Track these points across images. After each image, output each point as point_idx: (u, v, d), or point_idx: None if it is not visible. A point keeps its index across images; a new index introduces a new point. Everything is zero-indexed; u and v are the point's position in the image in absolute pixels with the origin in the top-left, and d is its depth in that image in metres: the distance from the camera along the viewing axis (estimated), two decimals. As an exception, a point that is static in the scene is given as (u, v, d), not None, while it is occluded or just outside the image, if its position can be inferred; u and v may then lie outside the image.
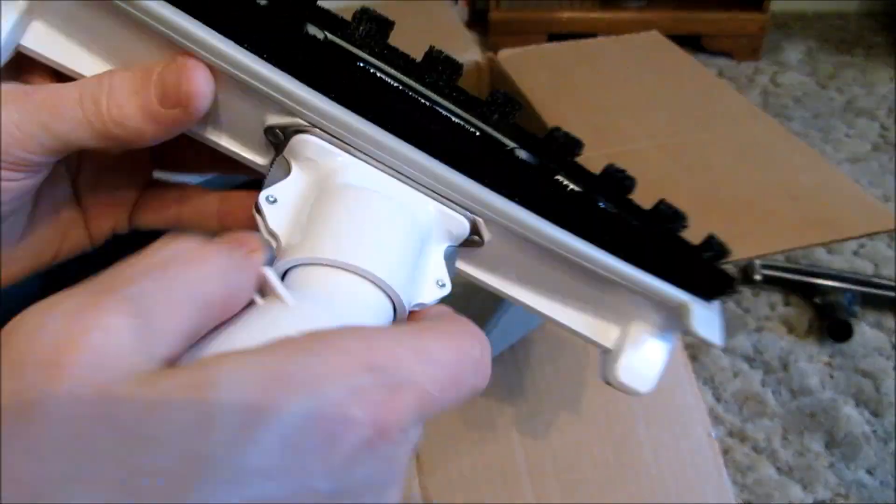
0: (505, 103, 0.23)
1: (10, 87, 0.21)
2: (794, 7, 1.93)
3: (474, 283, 0.26)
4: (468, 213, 0.23)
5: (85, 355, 0.13)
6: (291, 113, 0.21)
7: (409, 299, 0.21)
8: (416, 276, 0.22)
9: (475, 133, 0.22)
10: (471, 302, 0.40)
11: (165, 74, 0.20)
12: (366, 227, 0.20)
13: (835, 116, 1.46)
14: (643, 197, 0.57)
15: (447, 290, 0.23)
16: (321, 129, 0.21)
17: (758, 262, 1.04)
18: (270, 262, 0.19)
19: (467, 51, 0.74)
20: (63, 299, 0.14)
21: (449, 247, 0.23)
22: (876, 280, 1.01)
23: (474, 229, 0.23)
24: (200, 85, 0.20)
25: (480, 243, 0.24)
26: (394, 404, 0.14)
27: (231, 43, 0.20)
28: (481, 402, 0.41)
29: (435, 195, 0.22)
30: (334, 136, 0.21)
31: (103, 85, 0.20)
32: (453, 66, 0.22)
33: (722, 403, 0.88)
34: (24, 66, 0.22)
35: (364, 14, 0.21)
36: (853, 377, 0.91)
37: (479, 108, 0.23)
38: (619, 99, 0.66)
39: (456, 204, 0.23)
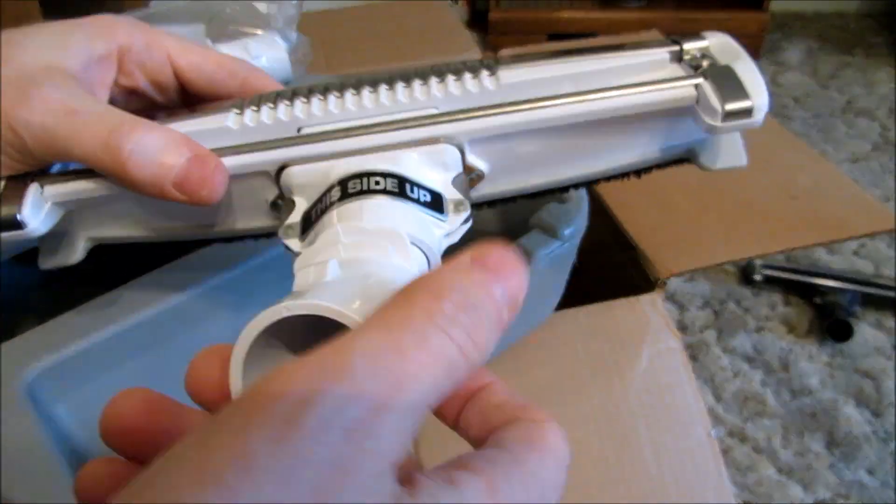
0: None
1: (60, 101, 0.23)
2: (794, 7, 1.93)
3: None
4: (451, 145, 0.24)
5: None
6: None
7: (435, 239, 0.22)
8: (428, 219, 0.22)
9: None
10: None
11: (191, 168, 0.22)
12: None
13: (835, 116, 1.46)
14: (643, 197, 0.57)
15: (467, 208, 0.23)
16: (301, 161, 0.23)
17: (758, 262, 1.04)
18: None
19: (467, 51, 0.74)
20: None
21: (455, 177, 0.24)
22: (876, 280, 1.01)
23: (463, 161, 0.24)
24: (216, 192, 0.23)
25: (481, 174, 0.25)
26: None
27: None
28: (481, 402, 0.41)
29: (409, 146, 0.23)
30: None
31: (133, 137, 0.22)
32: None
33: (722, 403, 0.88)
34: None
35: None
36: (853, 377, 0.91)
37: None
38: (619, 99, 0.66)
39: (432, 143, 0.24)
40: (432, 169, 0.23)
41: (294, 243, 0.22)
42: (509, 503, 0.14)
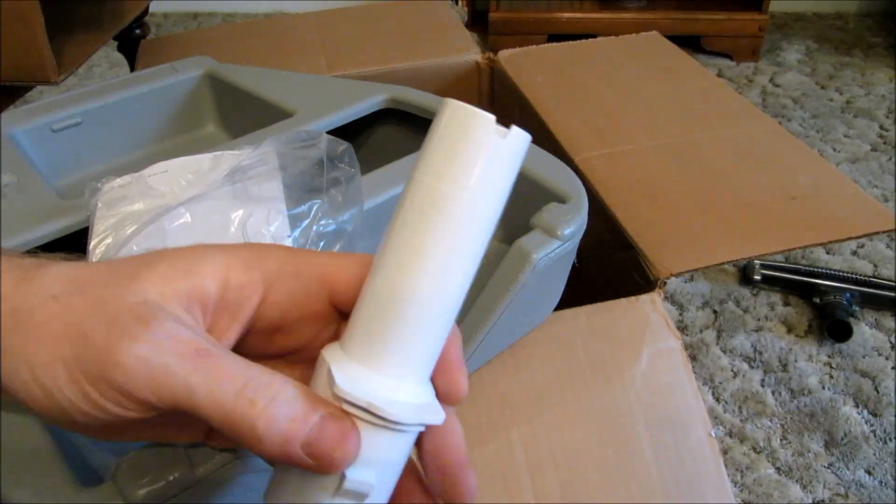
0: None
1: (188, 340, 0.19)
2: (793, 7, 1.93)
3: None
4: None
5: None
6: None
7: None
8: None
9: None
10: (470, 301, 0.40)
11: (325, 429, 0.19)
12: None
13: (834, 117, 1.46)
14: (642, 197, 0.57)
15: None
16: None
17: (757, 262, 1.04)
18: None
19: (467, 51, 0.74)
20: None
21: None
22: (875, 280, 1.01)
23: None
24: (348, 455, 0.19)
25: None
26: None
27: None
28: (481, 403, 0.41)
29: None
30: None
31: (269, 390, 0.19)
32: None
33: (721, 403, 0.89)
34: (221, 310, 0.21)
35: None
36: (852, 377, 0.91)
37: None
38: (619, 99, 0.66)
39: None
40: None
41: None
42: None
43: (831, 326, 0.95)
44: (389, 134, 0.58)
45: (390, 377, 0.20)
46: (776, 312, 1.01)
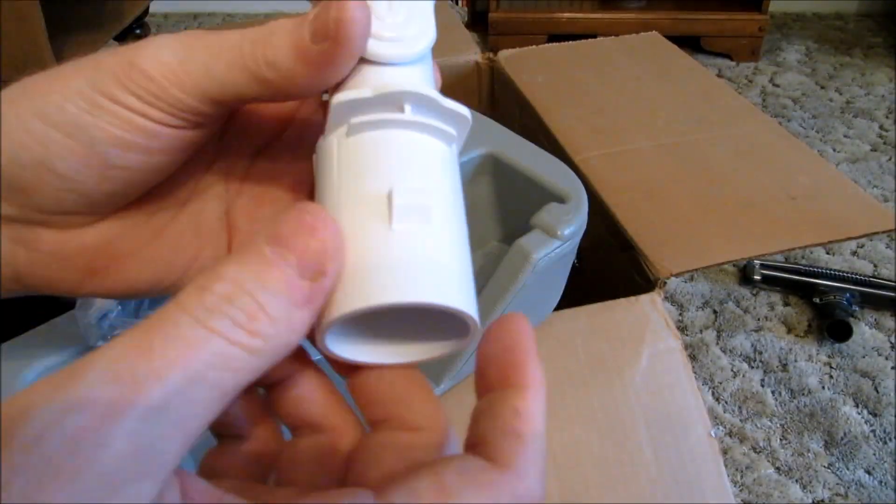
0: None
1: (186, 33, 0.20)
2: (793, 7, 1.93)
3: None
4: None
5: None
6: None
7: None
8: None
9: None
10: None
11: (321, 10, 0.19)
12: None
13: (834, 117, 1.46)
14: (642, 197, 0.57)
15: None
16: None
17: (757, 262, 1.04)
18: None
19: (467, 51, 0.74)
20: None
21: None
22: (875, 280, 1.01)
23: None
24: (354, 11, 0.18)
25: None
26: None
27: None
28: (481, 402, 0.41)
29: None
30: None
31: (265, 28, 0.19)
32: None
33: (721, 403, 0.89)
34: None
35: None
36: (852, 377, 0.91)
37: None
38: (619, 99, 0.66)
39: None
40: None
41: None
42: None
43: (831, 326, 0.95)
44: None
45: None
46: (776, 312, 1.01)
